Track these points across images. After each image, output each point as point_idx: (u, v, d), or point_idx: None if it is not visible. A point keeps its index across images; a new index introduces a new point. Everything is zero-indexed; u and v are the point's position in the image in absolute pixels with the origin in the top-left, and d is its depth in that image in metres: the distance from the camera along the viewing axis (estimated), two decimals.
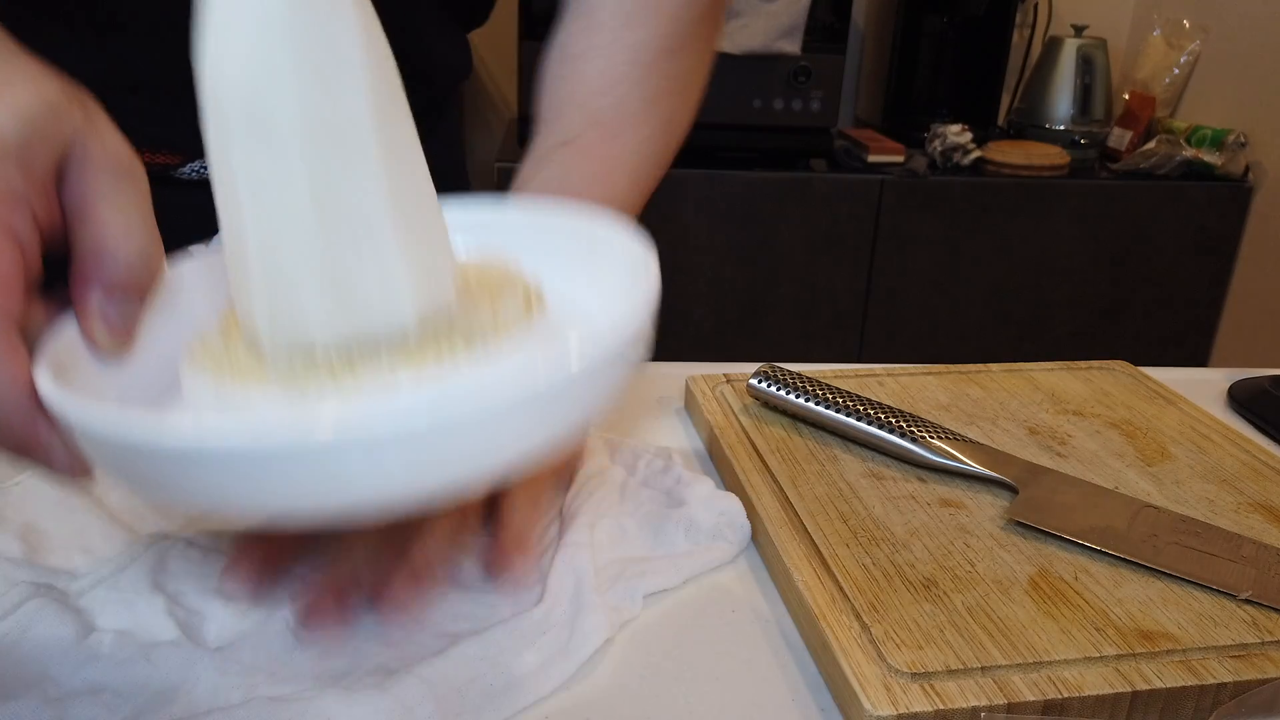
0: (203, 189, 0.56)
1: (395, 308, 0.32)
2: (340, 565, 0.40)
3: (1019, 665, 0.37)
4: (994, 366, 0.63)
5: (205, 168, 0.63)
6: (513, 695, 0.36)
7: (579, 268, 0.39)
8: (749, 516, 0.47)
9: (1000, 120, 2.27)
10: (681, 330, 2.01)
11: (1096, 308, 2.09)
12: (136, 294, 0.34)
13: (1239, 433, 0.55)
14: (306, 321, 0.32)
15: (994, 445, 0.52)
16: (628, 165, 0.57)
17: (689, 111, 0.61)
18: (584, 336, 0.30)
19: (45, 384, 0.30)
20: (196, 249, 0.40)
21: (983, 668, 0.36)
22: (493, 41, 2.28)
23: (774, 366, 0.55)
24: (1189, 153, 1.99)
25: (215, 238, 0.36)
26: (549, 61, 0.59)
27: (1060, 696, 0.35)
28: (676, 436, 0.57)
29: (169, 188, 0.58)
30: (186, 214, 0.47)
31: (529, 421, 0.29)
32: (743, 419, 0.54)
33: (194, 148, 0.63)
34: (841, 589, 0.40)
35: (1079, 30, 2.18)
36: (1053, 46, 2.18)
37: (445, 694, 0.35)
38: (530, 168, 0.55)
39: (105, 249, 0.34)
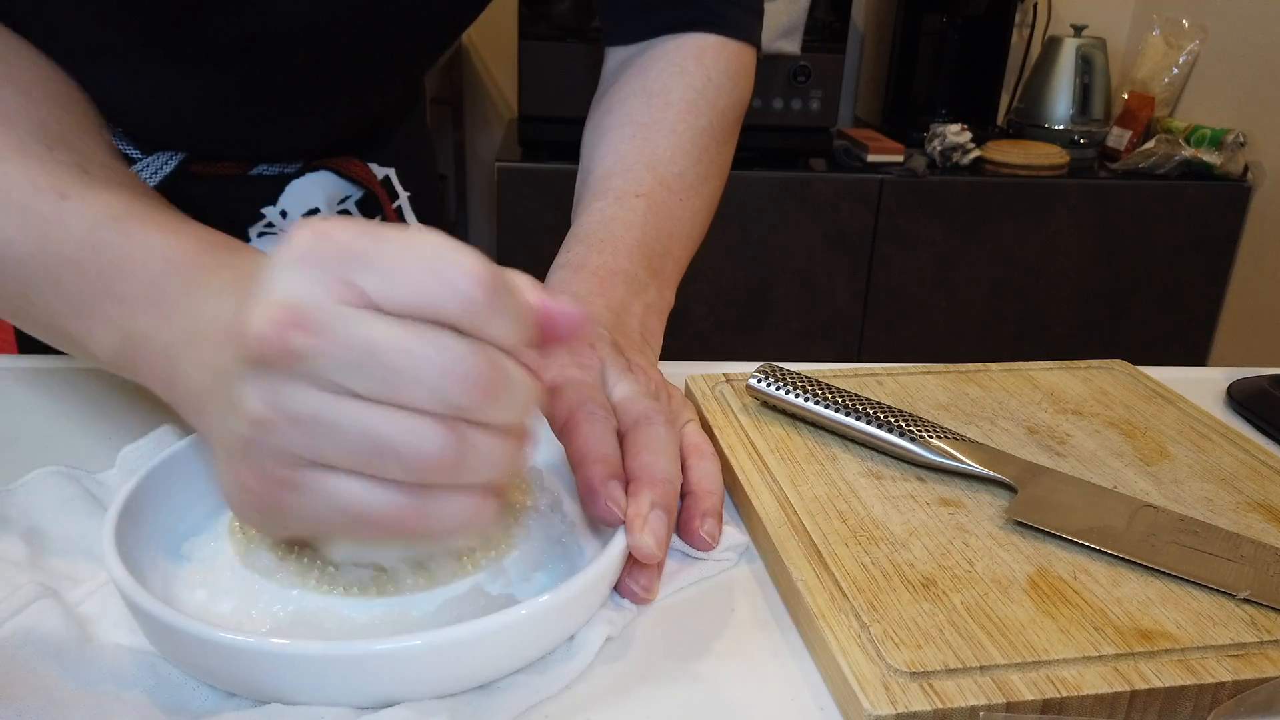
0: (276, 181, 0.66)
1: None
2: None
3: (1018, 664, 0.37)
4: (993, 366, 0.63)
5: (269, 168, 0.66)
6: (514, 696, 0.36)
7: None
8: (748, 516, 0.47)
9: (999, 120, 2.27)
10: (681, 330, 2.01)
11: (1095, 307, 2.09)
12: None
13: (1238, 432, 0.56)
14: None
15: (993, 445, 0.52)
16: (686, 226, 0.63)
17: (717, 200, 0.68)
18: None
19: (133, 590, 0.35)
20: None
21: (981, 667, 0.36)
22: (493, 42, 2.28)
23: (773, 366, 0.55)
24: (1188, 152, 1.99)
25: None
26: (611, 121, 0.66)
27: (1059, 696, 0.35)
28: None
29: (244, 183, 0.66)
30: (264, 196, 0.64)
31: (528, 640, 0.37)
32: (742, 419, 0.54)
33: (260, 155, 0.65)
34: (840, 588, 0.41)
35: (1078, 30, 2.18)
36: (1052, 46, 2.18)
37: (457, 702, 0.35)
38: (611, 207, 0.60)
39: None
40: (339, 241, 0.30)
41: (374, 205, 0.71)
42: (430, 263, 0.30)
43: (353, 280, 0.30)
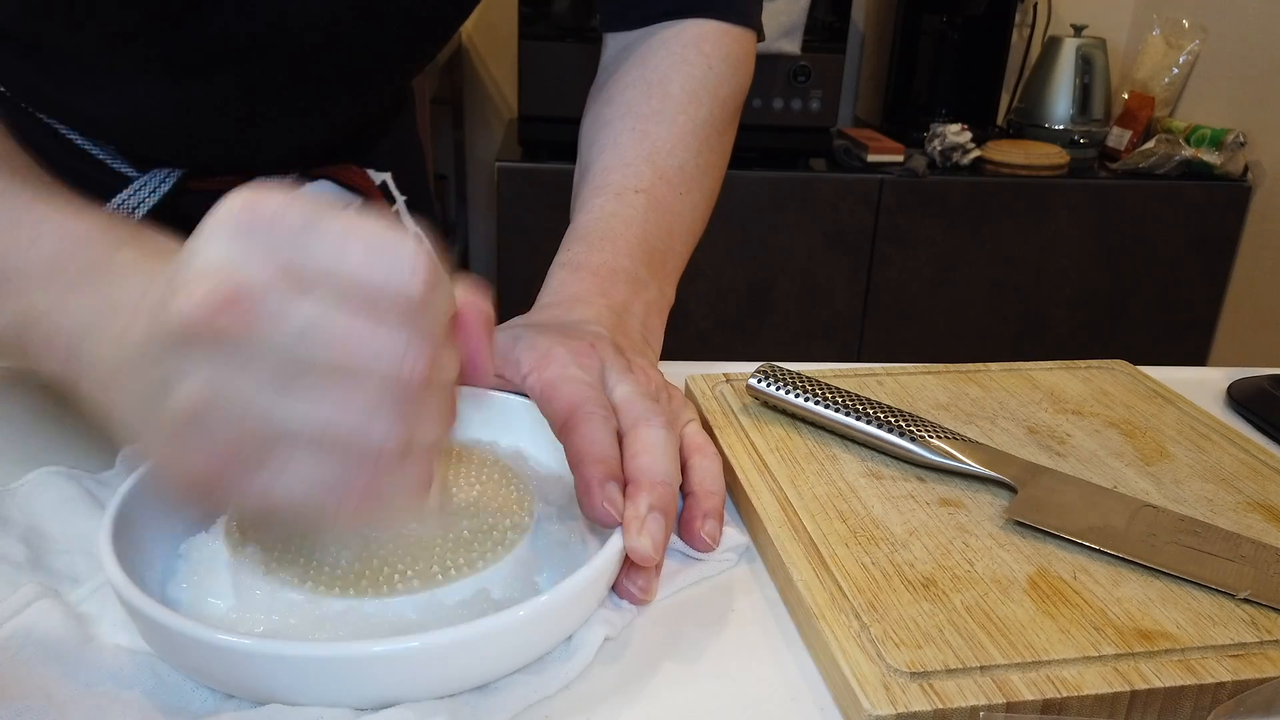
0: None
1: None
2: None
3: (1018, 664, 0.37)
4: (993, 366, 0.63)
5: (268, 180, 0.66)
6: (513, 696, 0.36)
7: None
8: (748, 516, 0.47)
9: (1000, 120, 2.27)
10: (681, 330, 2.01)
11: (1095, 307, 2.09)
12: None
13: (1238, 432, 0.56)
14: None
15: (993, 444, 0.52)
16: (687, 220, 0.63)
17: (717, 192, 0.67)
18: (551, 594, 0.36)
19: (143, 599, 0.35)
20: None
21: (981, 667, 0.36)
22: (493, 42, 2.28)
23: (773, 366, 0.55)
24: (1188, 152, 1.99)
25: None
26: (611, 112, 0.65)
27: (1059, 696, 0.35)
28: None
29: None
30: None
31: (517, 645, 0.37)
32: (742, 419, 0.54)
33: (259, 164, 0.65)
34: (841, 588, 0.41)
35: (1078, 30, 2.18)
36: (1052, 46, 2.18)
37: (456, 702, 0.35)
38: (610, 203, 0.60)
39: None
40: (278, 214, 0.29)
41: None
42: (370, 248, 0.29)
43: (292, 256, 0.29)
